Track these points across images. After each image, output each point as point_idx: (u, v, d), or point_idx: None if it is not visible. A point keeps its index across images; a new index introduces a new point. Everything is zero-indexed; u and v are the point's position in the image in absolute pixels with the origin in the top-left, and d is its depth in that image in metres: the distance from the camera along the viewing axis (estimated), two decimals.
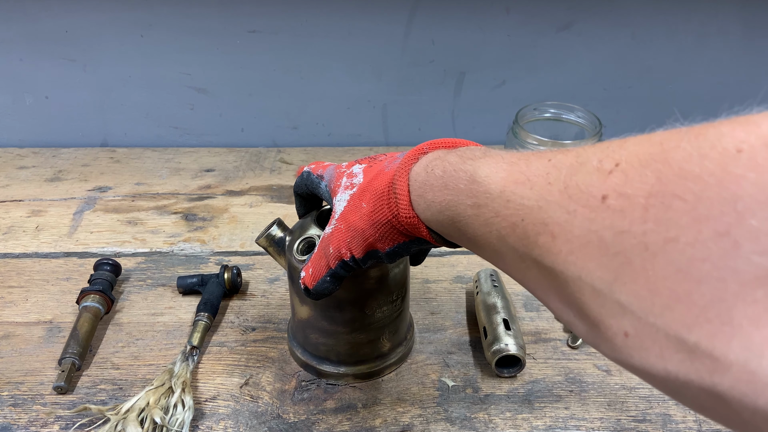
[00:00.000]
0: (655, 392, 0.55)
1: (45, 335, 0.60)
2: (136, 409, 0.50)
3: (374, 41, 0.85)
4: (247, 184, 0.83)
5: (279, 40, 0.85)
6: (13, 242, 0.72)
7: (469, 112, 0.92)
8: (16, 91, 0.88)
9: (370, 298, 0.52)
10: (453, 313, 0.63)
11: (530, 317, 0.62)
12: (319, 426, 0.52)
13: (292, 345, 0.57)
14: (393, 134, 0.93)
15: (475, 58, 0.87)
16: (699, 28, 0.85)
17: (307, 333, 0.55)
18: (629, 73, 0.89)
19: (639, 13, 0.84)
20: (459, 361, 0.57)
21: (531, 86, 0.89)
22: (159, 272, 0.67)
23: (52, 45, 0.85)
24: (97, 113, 0.90)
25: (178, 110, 0.91)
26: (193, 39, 0.85)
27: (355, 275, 0.49)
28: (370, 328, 0.53)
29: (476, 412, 0.53)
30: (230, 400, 0.54)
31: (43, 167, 0.86)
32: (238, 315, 0.62)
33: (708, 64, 0.88)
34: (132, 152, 0.89)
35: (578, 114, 0.75)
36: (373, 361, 0.56)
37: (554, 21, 0.84)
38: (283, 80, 0.88)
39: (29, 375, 0.56)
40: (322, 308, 0.52)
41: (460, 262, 0.69)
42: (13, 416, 0.52)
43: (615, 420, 0.52)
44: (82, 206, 0.78)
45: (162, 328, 0.61)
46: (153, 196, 0.80)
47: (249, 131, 0.92)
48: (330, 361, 0.55)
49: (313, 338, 0.55)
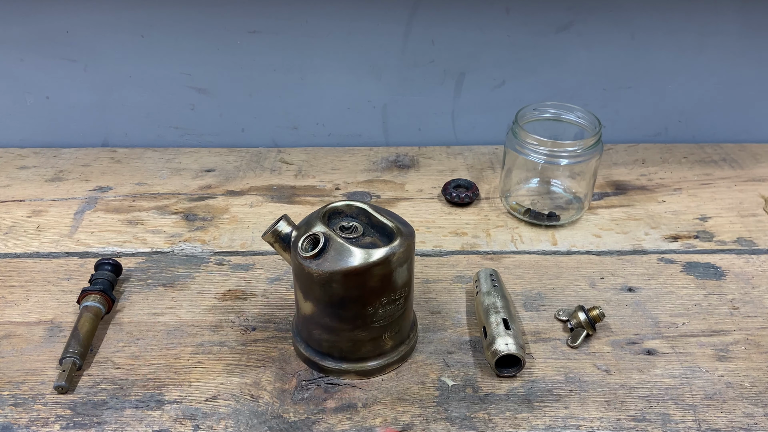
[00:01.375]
0: (654, 392, 0.55)
1: (46, 335, 0.60)
2: None
3: (374, 41, 0.86)
4: (248, 184, 0.83)
5: (279, 40, 0.85)
6: (14, 242, 0.72)
7: (468, 113, 0.92)
8: (17, 92, 0.89)
9: (373, 296, 0.52)
10: (453, 313, 0.63)
11: (530, 317, 0.62)
12: (319, 425, 0.52)
13: (295, 340, 0.58)
14: (393, 134, 0.93)
15: (475, 58, 0.87)
16: (698, 28, 0.85)
17: (310, 329, 0.55)
18: (629, 74, 0.89)
19: (639, 14, 0.84)
20: (459, 361, 0.58)
21: (531, 86, 0.89)
22: (159, 272, 0.68)
23: (53, 45, 0.85)
24: (98, 113, 0.91)
25: (178, 110, 0.91)
26: (193, 39, 0.85)
27: (358, 273, 0.49)
28: (372, 326, 0.53)
29: (476, 412, 0.53)
30: (230, 400, 0.54)
31: (43, 167, 0.86)
32: (238, 315, 0.63)
33: (707, 64, 0.88)
34: (133, 152, 0.90)
35: (578, 114, 0.75)
36: (376, 358, 0.56)
37: (554, 21, 0.85)
38: (283, 80, 0.88)
39: (30, 375, 0.56)
40: (325, 305, 0.52)
41: (460, 262, 0.69)
42: (14, 416, 0.52)
43: (614, 420, 0.52)
44: (83, 206, 0.78)
45: (162, 327, 0.61)
46: (153, 196, 0.80)
47: (249, 131, 0.93)
48: (332, 358, 0.55)
49: (316, 334, 0.55)
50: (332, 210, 0.54)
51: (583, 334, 0.59)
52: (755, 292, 0.65)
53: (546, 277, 0.67)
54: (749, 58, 0.88)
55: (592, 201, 0.79)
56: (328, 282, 0.50)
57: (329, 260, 0.50)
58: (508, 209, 0.76)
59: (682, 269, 0.68)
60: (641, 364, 0.57)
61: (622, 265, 0.69)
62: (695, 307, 0.64)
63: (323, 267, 0.50)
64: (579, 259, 0.70)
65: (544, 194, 0.79)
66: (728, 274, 0.68)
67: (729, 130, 0.94)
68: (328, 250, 0.50)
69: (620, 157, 0.89)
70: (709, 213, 0.77)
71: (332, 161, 0.88)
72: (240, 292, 0.65)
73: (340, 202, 0.55)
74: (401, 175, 0.85)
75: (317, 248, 0.50)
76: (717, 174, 0.85)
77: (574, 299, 0.64)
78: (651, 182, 0.83)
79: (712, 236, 0.73)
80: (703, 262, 0.69)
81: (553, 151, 0.71)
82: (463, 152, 0.90)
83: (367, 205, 0.55)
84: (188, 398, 0.54)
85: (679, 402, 0.54)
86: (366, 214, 0.54)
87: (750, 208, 0.78)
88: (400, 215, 0.77)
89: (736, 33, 0.86)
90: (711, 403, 0.54)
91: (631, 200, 0.80)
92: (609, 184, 0.83)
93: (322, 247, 0.50)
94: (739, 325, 0.61)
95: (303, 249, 0.51)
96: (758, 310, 0.63)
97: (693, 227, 0.75)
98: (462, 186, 0.80)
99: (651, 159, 0.89)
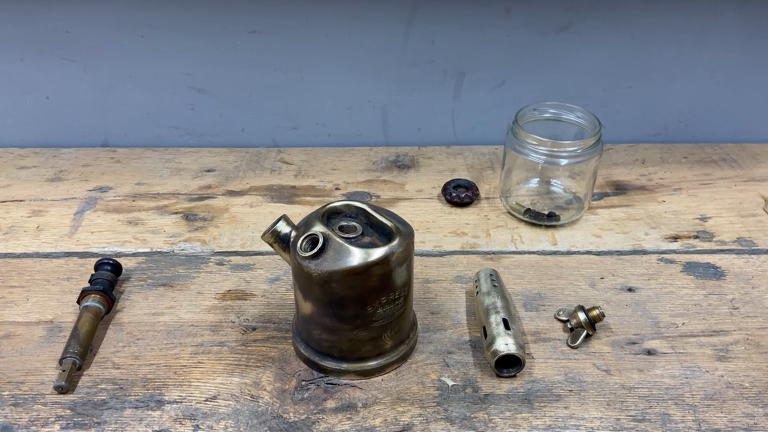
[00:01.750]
0: (654, 392, 0.55)
1: (45, 335, 0.60)
2: None
3: (374, 41, 0.86)
4: (248, 184, 0.83)
5: (279, 40, 0.85)
6: (14, 242, 0.72)
7: (468, 113, 0.92)
8: (17, 92, 0.89)
9: (372, 295, 0.52)
10: (453, 313, 0.63)
11: (530, 317, 0.62)
12: (319, 425, 0.52)
13: (295, 340, 0.58)
14: (393, 134, 0.93)
15: (475, 58, 0.87)
16: (698, 29, 0.85)
17: (310, 329, 0.55)
18: (629, 74, 0.89)
19: (639, 14, 0.84)
20: (459, 361, 0.58)
21: (531, 86, 0.89)
22: (159, 272, 0.68)
23: (53, 45, 0.85)
24: (98, 113, 0.91)
25: (178, 110, 0.91)
26: (193, 39, 0.85)
27: (358, 273, 0.49)
28: (372, 325, 0.53)
29: (476, 412, 0.53)
30: (230, 400, 0.54)
31: (43, 167, 0.86)
32: (238, 315, 0.63)
33: (707, 64, 0.88)
34: (132, 152, 0.90)
35: (578, 114, 0.75)
36: (375, 358, 0.56)
37: (554, 21, 0.85)
38: (283, 80, 0.88)
39: (30, 375, 0.56)
40: (325, 305, 0.52)
41: (460, 262, 0.69)
42: (13, 416, 0.52)
43: (614, 420, 0.52)
44: (83, 206, 0.78)
45: (162, 327, 0.61)
46: (153, 196, 0.80)
47: (249, 131, 0.93)
48: (332, 358, 0.55)
49: (316, 334, 0.55)
50: (331, 210, 0.54)
51: (583, 334, 0.59)
52: (755, 292, 0.65)
53: (546, 277, 0.67)
54: (749, 58, 0.88)
55: (592, 201, 0.79)
56: (327, 282, 0.50)
57: (328, 260, 0.50)
58: (508, 209, 0.76)
59: (682, 269, 0.68)
60: (641, 364, 0.57)
61: (622, 265, 0.69)
62: (695, 307, 0.64)
63: (322, 267, 0.50)
64: (579, 259, 0.70)
65: (544, 194, 0.79)
66: (728, 274, 0.68)
67: (729, 130, 0.94)
68: (328, 250, 0.50)
69: (620, 157, 0.89)
70: (709, 213, 0.77)
71: (332, 161, 0.88)
72: (240, 292, 0.65)
73: (340, 202, 0.55)
74: (401, 175, 0.85)
75: (316, 248, 0.50)
76: (717, 174, 0.85)
77: (574, 299, 0.64)
78: (651, 182, 0.83)
79: (712, 236, 0.73)
80: (703, 262, 0.69)
81: (553, 151, 0.71)
82: (463, 152, 0.90)
83: (366, 205, 0.55)
84: (188, 398, 0.54)
85: (679, 402, 0.54)
86: (365, 214, 0.54)
87: (750, 208, 0.78)
88: (399, 215, 0.77)
89: (737, 32, 0.86)
90: (711, 403, 0.54)
91: (631, 200, 0.80)
92: (609, 184, 0.83)
93: (321, 247, 0.50)
94: (739, 325, 0.61)
95: (302, 249, 0.51)
96: (758, 310, 0.63)
97: (693, 227, 0.75)
98: (462, 186, 0.80)
99: (651, 159, 0.89)
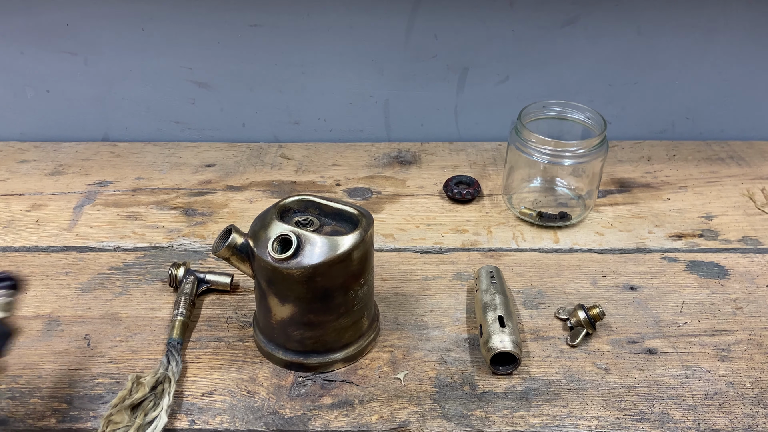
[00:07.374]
0: (654, 391, 0.54)
1: (43, 329, 0.60)
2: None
3: (376, 36, 0.85)
4: (248, 179, 0.82)
5: (280, 34, 0.85)
6: (13, 236, 0.72)
7: (472, 108, 0.91)
8: (17, 85, 0.88)
9: (354, 279, 0.53)
10: (452, 311, 0.62)
11: (530, 315, 0.62)
12: (315, 421, 0.52)
13: (269, 349, 0.56)
14: (395, 130, 0.93)
15: (478, 53, 0.86)
16: (706, 24, 0.84)
17: (288, 332, 0.54)
18: (635, 69, 0.88)
19: (645, 8, 0.83)
20: (457, 359, 0.57)
21: (535, 82, 0.89)
22: (158, 267, 0.67)
23: (53, 38, 0.84)
24: (98, 107, 0.90)
25: (179, 105, 0.90)
26: (194, 33, 0.84)
27: (343, 260, 0.50)
28: (353, 309, 0.54)
29: (473, 410, 0.52)
30: (227, 395, 0.54)
31: (43, 161, 0.86)
32: (236, 310, 0.62)
33: (715, 59, 0.87)
34: (133, 147, 0.89)
35: (584, 113, 0.74)
36: (356, 341, 0.56)
37: (559, 16, 0.84)
38: (284, 75, 0.88)
39: (27, 368, 0.56)
40: (309, 301, 0.52)
41: (461, 260, 0.69)
42: (10, 409, 0.52)
43: (613, 419, 0.52)
44: (83, 200, 0.78)
45: (160, 322, 0.61)
46: (153, 191, 0.80)
47: (250, 126, 0.92)
48: (317, 353, 0.55)
49: (297, 335, 0.54)
50: (282, 208, 0.54)
51: (583, 333, 0.59)
52: (759, 291, 0.64)
53: (547, 275, 0.67)
54: (758, 55, 0.86)
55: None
56: (311, 277, 0.50)
57: (306, 256, 0.50)
58: (518, 215, 0.75)
59: (686, 268, 0.68)
60: (641, 363, 0.57)
61: (624, 264, 0.68)
62: (698, 307, 0.63)
63: (303, 263, 0.50)
64: (581, 257, 0.69)
65: (547, 193, 0.78)
66: (732, 273, 0.67)
67: (736, 128, 0.93)
68: (304, 247, 0.50)
69: (625, 154, 0.88)
70: (714, 211, 0.76)
71: (333, 157, 0.87)
72: (237, 287, 0.65)
73: (289, 198, 0.55)
74: (403, 171, 0.85)
75: (292, 248, 0.50)
76: (723, 172, 0.84)
77: (575, 297, 0.64)
78: (656, 180, 0.82)
79: (717, 235, 0.72)
80: (707, 261, 0.68)
81: (557, 151, 0.70)
82: (465, 148, 0.89)
83: (314, 197, 0.55)
84: (184, 393, 0.54)
85: (679, 402, 0.53)
86: (315, 206, 0.55)
87: (756, 207, 0.77)
88: (399, 211, 0.77)
89: (745, 29, 0.84)
90: (711, 403, 0.53)
91: (636, 198, 0.79)
92: (613, 182, 0.82)
93: (298, 246, 0.50)
94: (742, 324, 0.61)
95: (275, 252, 0.50)
96: (762, 309, 0.62)
97: (698, 225, 0.74)
98: (464, 182, 0.79)
99: (657, 156, 0.87)
